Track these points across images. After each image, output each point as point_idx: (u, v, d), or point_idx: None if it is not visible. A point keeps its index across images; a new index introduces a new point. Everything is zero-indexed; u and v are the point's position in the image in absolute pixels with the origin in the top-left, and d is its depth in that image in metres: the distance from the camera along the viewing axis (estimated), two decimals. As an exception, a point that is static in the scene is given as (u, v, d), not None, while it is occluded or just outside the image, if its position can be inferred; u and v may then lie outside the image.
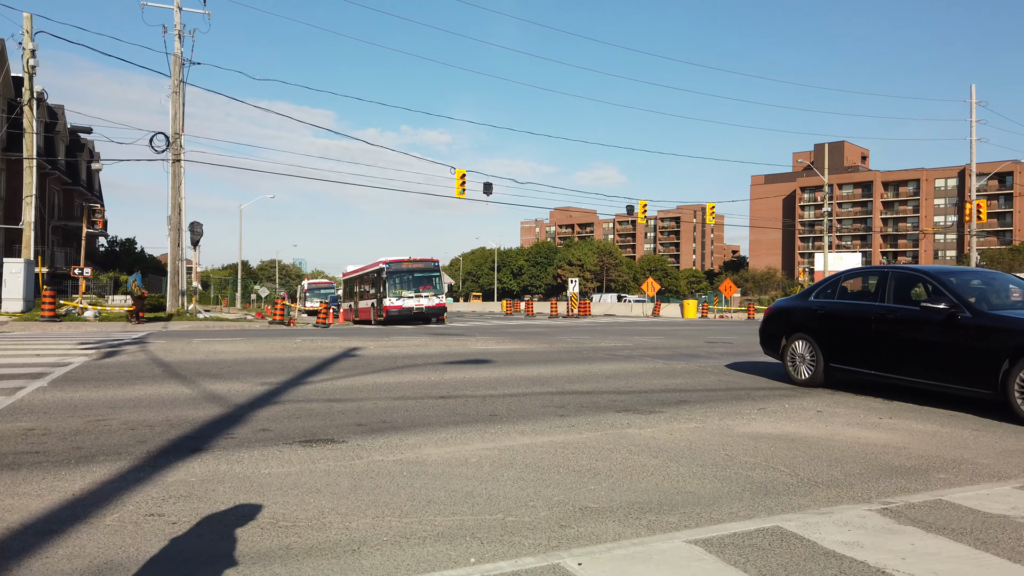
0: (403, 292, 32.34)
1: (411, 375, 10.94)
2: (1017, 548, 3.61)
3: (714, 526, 3.91)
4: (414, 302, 32.24)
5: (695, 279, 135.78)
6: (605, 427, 6.85)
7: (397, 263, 32.95)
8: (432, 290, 33.09)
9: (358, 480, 4.81)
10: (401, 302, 31.97)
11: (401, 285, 32.61)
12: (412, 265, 33.13)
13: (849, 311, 9.30)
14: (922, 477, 5.07)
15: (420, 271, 33.17)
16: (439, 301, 33.10)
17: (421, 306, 32.37)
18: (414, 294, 32.44)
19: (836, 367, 9.39)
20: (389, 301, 31.89)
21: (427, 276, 33.33)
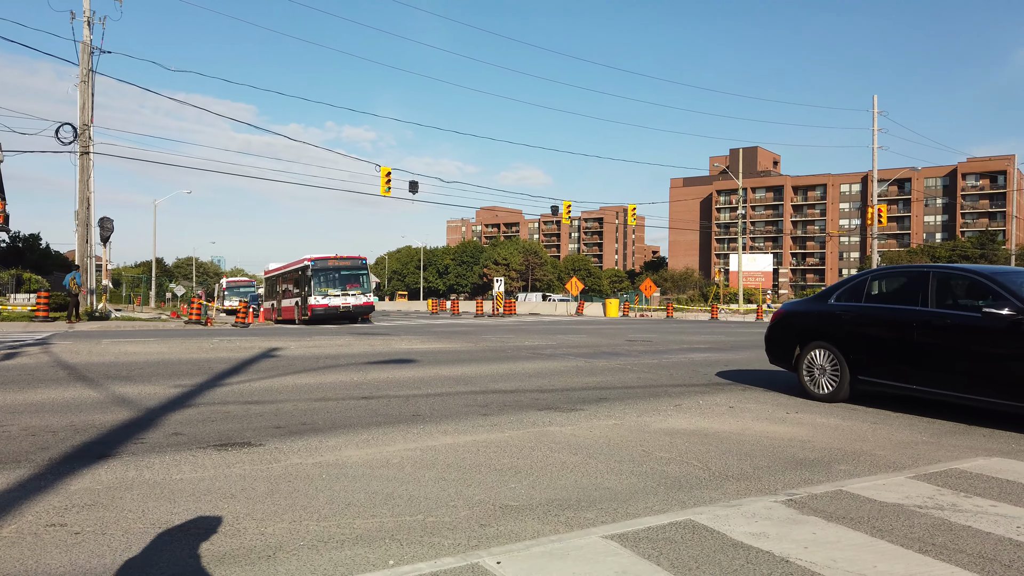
0: (329, 291, 31.36)
1: (333, 376, 10.77)
2: (909, 535, 3.85)
3: (630, 521, 4.02)
4: (341, 301, 31.29)
5: (617, 279, 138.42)
6: (527, 425, 6.93)
7: (323, 260, 31.93)
8: (359, 289, 32.23)
9: (275, 484, 4.71)
10: (327, 301, 31.00)
11: (327, 283, 31.63)
12: (339, 263, 32.24)
13: (883, 316, 8.03)
14: (824, 469, 5.34)
15: (347, 269, 32.27)
16: (367, 300, 32.31)
17: (348, 305, 31.45)
18: (341, 293, 31.46)
19: (866, 380, 8.15)
20: (314, 300, 30.91)
21: (354, 274, 32.44)
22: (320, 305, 30.88)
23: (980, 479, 5.01)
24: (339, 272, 32.03)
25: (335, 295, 31.31)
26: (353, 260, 32.85)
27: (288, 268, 36.08)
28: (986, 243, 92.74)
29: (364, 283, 32.67)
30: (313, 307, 30.85)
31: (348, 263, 32.53)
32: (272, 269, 40.67)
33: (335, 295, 31.31)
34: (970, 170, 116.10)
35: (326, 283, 31.59)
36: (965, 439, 6.51)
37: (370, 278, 33.20)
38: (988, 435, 6.69)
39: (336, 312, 31.22)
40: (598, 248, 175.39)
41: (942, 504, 4.39)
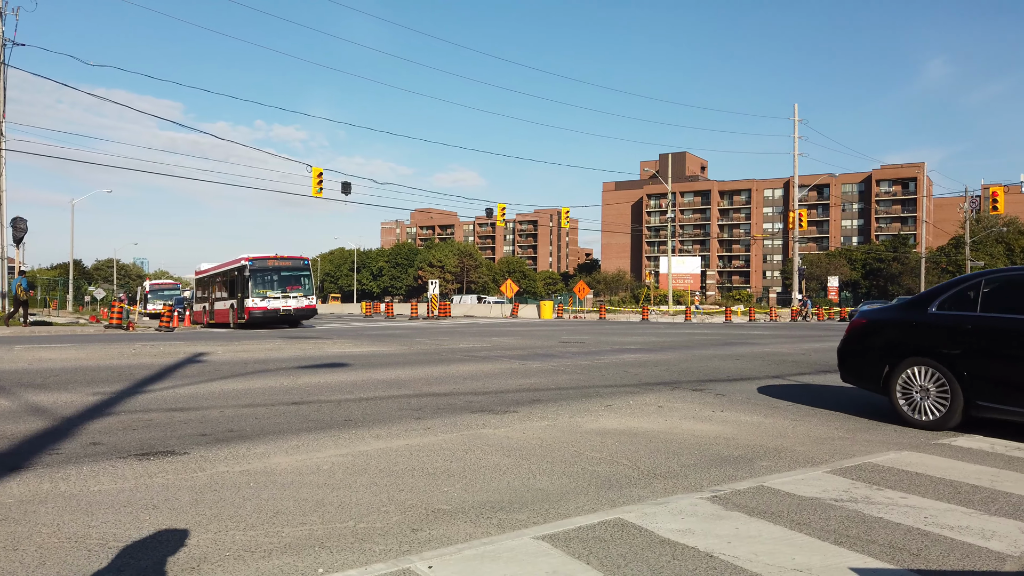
0: (268, 292, 29.64)
1: (262, 381, 10.52)
2: (825, 527, 4.03)
3: (561, 521, 4.08)
4: (281, 303, 29.65)
5: (551, 281, 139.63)
6: (461, 428, 6.93)
7: (262, 260, 30.20)
8: (301, 291, 30.67)
9: (200, 494, 4.58)
10: (266, 303, 29.27)
11: (266, 285, 29.93)
12: (278, 263, 30.56)
13: (1013, 329, 6.57)
14: (747, 465, 5.53)
15: (287, 270, 30.63)
16: (308, 303, 30.76)
17: (288, 308, 29.82)
18: (281, 295, 29.82)
19: (989, 406, 6.68)
20: (252, 302, 29.09)
21: (295, 275, 30.85)
22: (258, 308, 29.16)
23: (892, 472, 5.28)
24: (279, 273, 30.44)
25: (274, 297, 29.69)
26: (294, 260, 31.31)
27: (222, 268, 34.14)
28: (898, 247, 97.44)
29: (306, 285, 31.23)
30: (250, 310, 29.09)
31: (289, 263, 30.95)
32: (204, 269, 38.50)
33: (274, 297, 29.69)
34: (884, 177, 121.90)
35: (265, 284, 29.97)
36: (878, 434, 6.84)
37: (312, 280, 31.83)
38: (899, 431, 7.04)
39: (275, 315, 29.65)
40: (533, 250, 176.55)
41: (856, 497, 4.60)
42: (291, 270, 30.84)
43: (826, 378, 11.48)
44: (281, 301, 29.75)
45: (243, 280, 29.72)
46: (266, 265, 30.23)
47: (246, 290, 29.38)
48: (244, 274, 29.55)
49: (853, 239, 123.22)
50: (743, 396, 9.33)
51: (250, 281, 29.39)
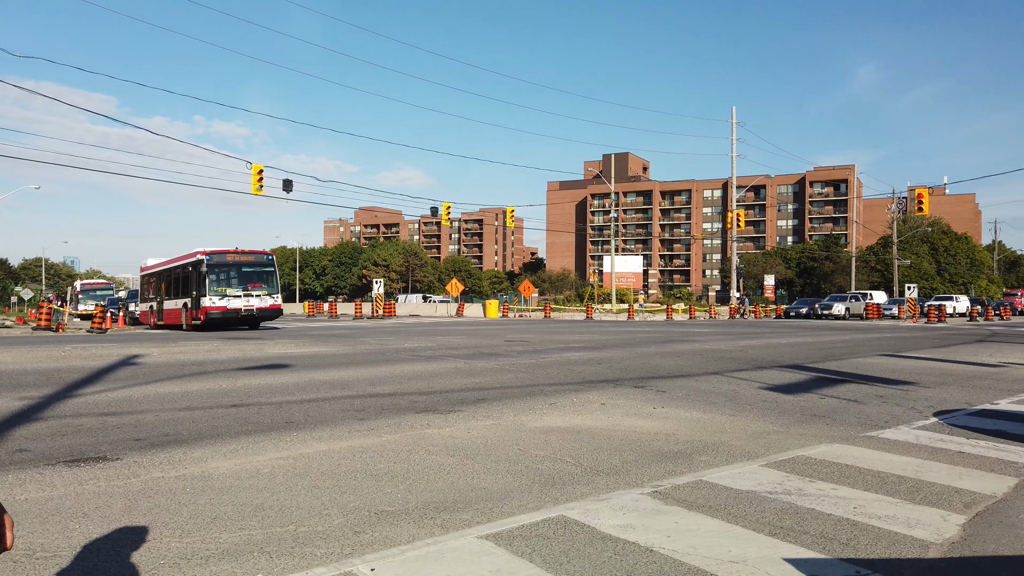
0: (228, 290, 26.84)
1: (200, 383, 10.26)
2: (760, 519, 4.15)
3: (505, 519, 4.10)
4: (242, 302, 26.79)
5: (497, 280, 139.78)
6: (405, 429, 6.89)
7: (220, 254, 27.34)
8: (264, 288, 27.90)
9: (133, 500, 4.45)
10: (226, 302, 26.40)
11: (225, 282, 27.11)
12: (240, 257, 27.77)
13: None
14: (687, 460, 5.65)
15: (250, 265, 27.93)
16: (273, 302, 27.91)
17: (251, 308, 26.96)
18: (242, 293, 27.01)
19: None
20: (210, 301, 26.22)
21: (258, 271, 28.10)
22: (216, 308, 26.30)
23: (823, 464, 5.47)
24: (240, 268, 27.64)
25: (235, 296, 26.84)
26: (257, 255, 28.53)
27: (174, 263, 30.96)
28: (831, 246, 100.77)
29: (270, 282, 28.40)
30: (208, 310, 26.19)
31: (251, 258, 28.22)
32: (152, 265, 35.37)
33: (235, 296, 26.84)
34: (816, 178, 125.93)
35: (224, 281, 27.13)
36: (811, 428, 7.08)
37: (277, 276, 29.02)
38: (830, 424, 7.30)
39: (236, 316, 26.79)
40: (478, 249, 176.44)
41: (790, 489, 4.76)
42: (254, 265, 28.16)
43: (762, 374, 11.81)
44: (243, 300, 27.02)
45: (199, 276, 26.86)
46: (225, 260, 27.44)
47: (202, 287, 26.61)
48: (200, 269, 26.64)
49: (788, 239, 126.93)
50: (683, 393, 9.52)
51: (207, 277, 26.58)
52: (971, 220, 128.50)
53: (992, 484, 4.91)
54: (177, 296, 29.84)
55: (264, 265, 28.54)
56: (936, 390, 9.88)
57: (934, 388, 10.09)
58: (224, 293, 26.74)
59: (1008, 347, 18.50)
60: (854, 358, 14.97)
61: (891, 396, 9.29)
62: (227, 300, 26.60)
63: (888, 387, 10.20)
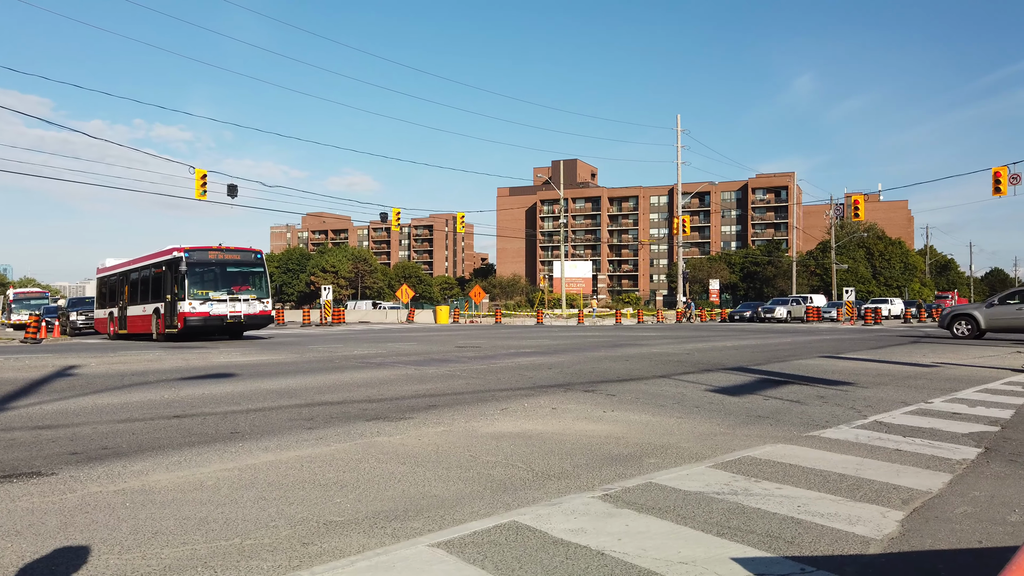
0: (211, 293, 23.60)
1: (140, 394, 9.94)
2: (708, 520, 4.22)
3: (456, 527, 4.08)
4: (228, 308, 23.56)
5: (448, 285, 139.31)
6: (355, 437, 6.80)
7: (201, 252, 23.94)
8: (252, 291, 24.54)
9: (69, 517, 4.28)
10: (208, 308, 23.19)
11: (207, 283, 23.76)
12: (224, 256, 24.39)
13: None
14: (636, 463, 5.71)
15: (236, 264, 24.57)
16: (263, 307, 24.60)
17: (238, 314, 23.69)
18: (227, 296, 23.75)
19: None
20: (189, 306, 22.94)
21: (246, 272, 24.79)
22: (197, 314, 23.04)
23: (768, 464, 5.59)
24: (224, 268, 24.29)
25: (219, 299, 23.56)
26: (244, 253, 25.04)
27: (142, 263, 27.21)
28: (773, 251, 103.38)
29: (259, 285, 25.05)
30: (187, 316, 22.91)
31: (238, 256, 24.77)
32: (112, 267, 31.35)
33: (219, 299, 23.56)
34: (758, 185, 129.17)
35: (206, 283, 23.72)
36: (755, 428, 7.23)
37: (267, 278, 25.54)
38: (774, 424, 7.48)
39: (220, 323, 23.60)
40: (428, 255, 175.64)
41: (736, 489, 4.85)
42: (240, 265, 24.77)
43: (709, 376, 12.03)
44: (228, 305, 23.70)
45: (176, 277, 23.48)
46: (207, 258, 24.04)
47: (181, 290, 23.24)
48: (179, 269, 23.16)
49: (732, 244, 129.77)
50: (632, 396, 9.63)
51: (187, 278, 23.13)
52: (904, 226, 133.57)
53: (928, 481, 5.09)
54: (145, 301, 26.57)
55: (252, 265, 25.13)
56: (874, 390, 10.21)
57: (872, 388, 10.42)
58: (206, 297, 23.46)
59: (940, 348, 19.25)
60: (796, 360, 15.37)
61: (831, 396, 9.56)
62: (210, 305, 23.38)
63: (828, 388, 10.50)
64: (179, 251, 23.63)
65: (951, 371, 12.88)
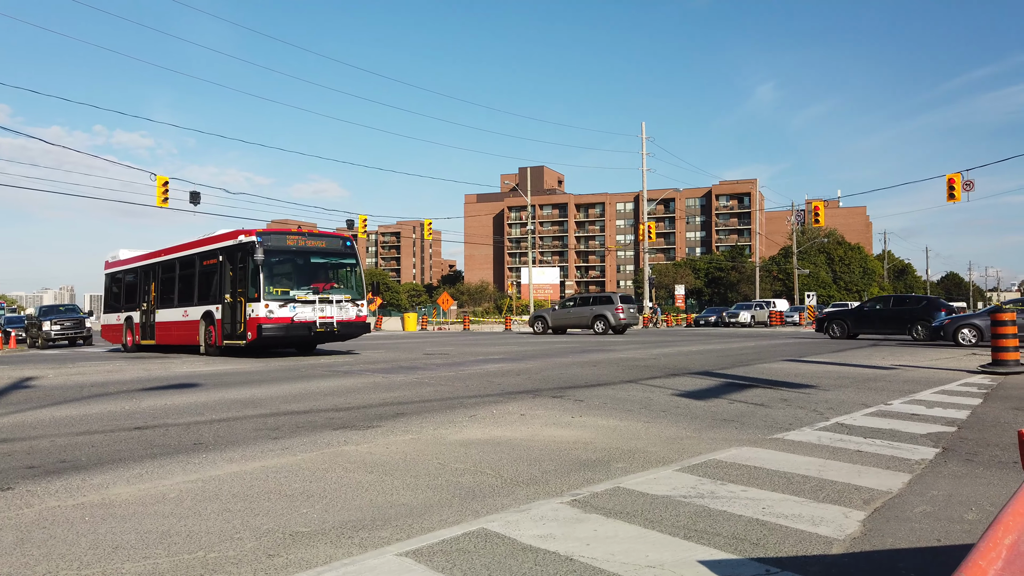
0: (294, 292, 17.94)
1: (100, 405, 9.72)
2: (675, 523, 4.26)
3: (424, 535, 4.06)
4: (316, 313, 17.85)
5: (416, 292, 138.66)
6: (321, 446, 6.73)
7: (278, 236, 18.30)
8: (344, 290, 18.94)
9: (26, 532, 4.16)
10: (291, 311, 17.47)
11: (287, 279, 18.24)
12: (307, 243, 18.77)
13: None
14: (604, 468, 5.75)
15: (322, 254, 18.98)
16: (359, 312, 18.91)
17: (330, 319, 18.04)
18: (314, 295, 18.08)
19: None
20: (266, 309, 17.17)
21: (335, 264, 19.26)
22: (277, 320, 17.28)
23: (733, 467, 5.66)
24: (308, 259, 18.72)
25: (304, 301, 17.86)
26: (331, 239, 19.40)
27: (181, 253, 21.31)
28: (736, 257, 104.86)
29: (352, 282, 19.45)
30: (262, 323, 17.13)
31: (323, 244, 19.12)
32: (127, 260, 25.11)
33: (304, 301, 17.86)
34: (722, 192, 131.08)
35: (285, 278, 18.30)
36: (721, 432, 7.32)
37: (362, 273, 19.83)
38: (739, 428, 7.58)
39: (307, 333, 17.88)
40: (396, 262, 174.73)
41: (703, 492, 4.90)
42: (328, 255, 19.12)
43: (675, 381, 12.15)
44: (315, 309, 17.94)
45: (247, 270, 17.85)
46: (286, 245, 18.34)
47: (253, 287, 17.52)
48: (252, 259, 17.36)
49: (697, 250, 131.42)
50: (600, 401, 9.68)
51: (262, 272, 17.39)
52: (863, 231, 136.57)
53: (888, 481, 5.21)
54: (186, 302, 20.77)
55: (342, 255, 19.41)
56: (835, 392, 10.41)
57: (833, 391, 10.62)
58: (287, 297, 17.67)
59: (899, 350, 19.70)
60: (760, 363, 15.60)
61: (794, 399, 9.73)
62: (291, 308, 17.51)
63: (791, 391, 10.67)
64: (247, 235, 18.03)
65: (909, 373, 13.19)
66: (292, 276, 18.44)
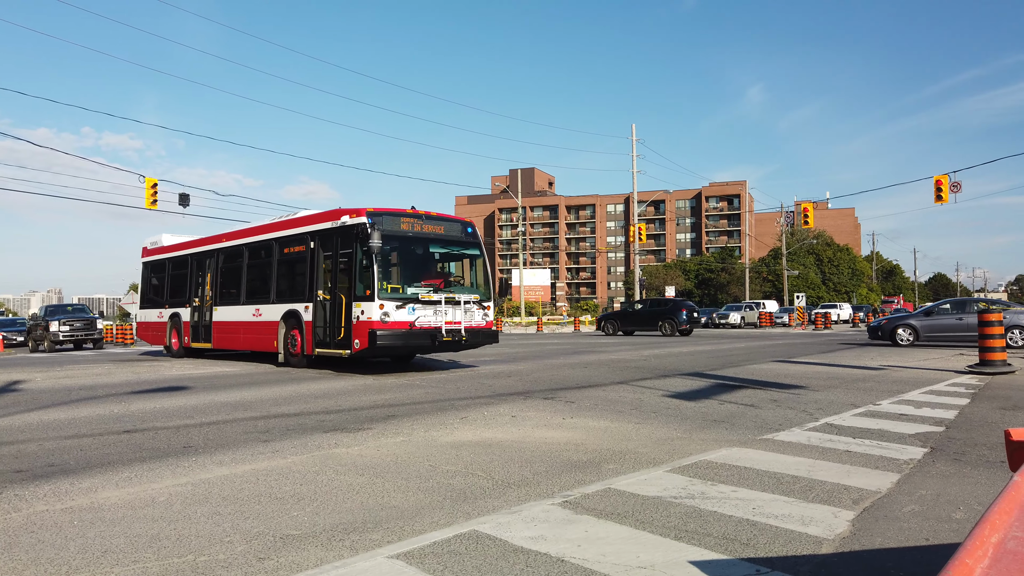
0: (416, 290, 14.27)
1: (89, 409, 9.65)
2: (666, 524, 4.27)
3: (416, 538, 4.05)
4: (440, 316, 14.13)
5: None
6: (312, 449, 6.71)
7: (391, 218, 14.41)
8: (468, 289, 15.40)
9: (14, 537, 4.13)
10: (410, 314, 13.76)
11: (404, 273, 14.68)
12: (425, 227, 14.98)
13: None
14: (595, 469, 5.75)
15: (443, 242, 15.33)
16: (487, 317, 15.25)
17: (457, 325, 14.36)
18: (434, 293, 14.36)
19: None
20: (380, 311, 13.40)
21: (457, 255, 15.83)
22: (394, 324, 13.55)
23: (724, 468, 5.69)
24: (427, 247, 15.13)
25: (428, 300, 14.14)
26: (450, 223, 15.59)
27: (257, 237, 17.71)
28: (726, 258, 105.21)
29: (477, 278, 15.85)
30: (376, 328, 13.36)
31: (442, 229, 15.31)
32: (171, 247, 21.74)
33: (428, 300, 14.14)
34: (712, 193, 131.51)
35: (402, 272, 14.66)
36: (711, 433, 7.35)
37: (487, 265, 16.04)
38: (729, 428, 7.60)
39: (431, 341, 14.08)
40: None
41: (693, 493, 4.92)
42: (449, 243, 15.48)
43: (666, 382, 12.18)
44: (438, 312, 14.18)
45: (359, 259, 13.98)
46: (400, 229, 14.50)
47: (365, 282, 13.76)
48: (368, 245, 13.35)
49: (687, 251, 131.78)
50: (591, 403, 9.70)
51: (376, 263, 13.56)
52: (851, 232, 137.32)
53: (877, 481, 5.24)
54: (259, 298, 17.15)
55: (464, 244, 15.68)
56: (824, 393, 10.47)
57: (823, 391, 10.68)
58: (406, 296, 14.01)
59: (887, 351, 19.82)
60: (750, 364, 15.67)
61: (784, 400, 9.77)
62: (412, 311, 13.84)
63: (781, 391, 10.72)
64: (353, 215, 14.25)
65: (897, 374, 13.27)
66: (407, 269, 14.77)
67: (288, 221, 16.76)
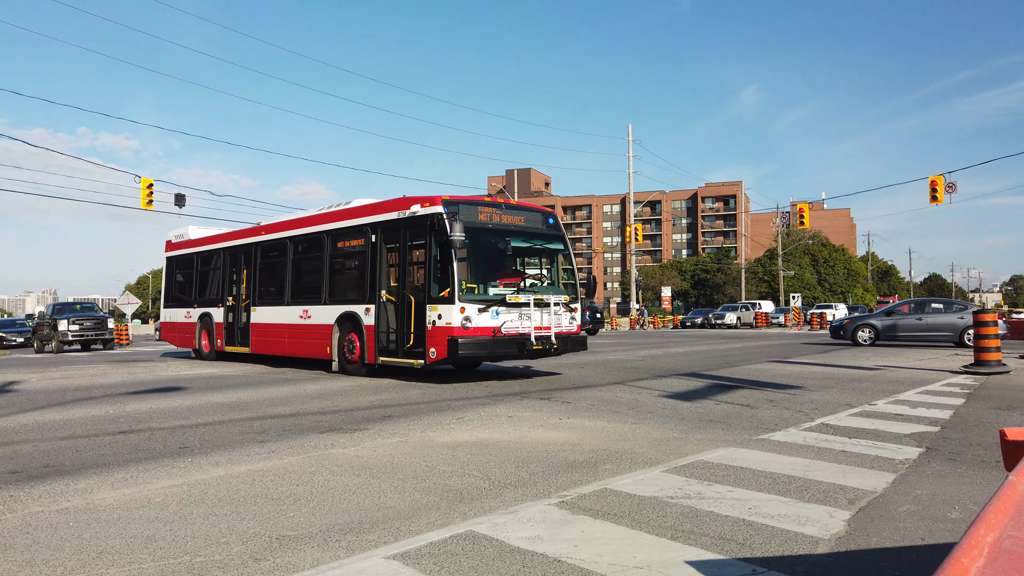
0: (498, 290, 12.60)
1: (84, 409, 9.63)
2: (663, 524, 4.27)
3: (412, 538, 4.05)
4: (528, 321, 12.39)
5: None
6: (308, 450, 6.70)
7: (468, 207, 12.63)
8: (555, 289, 13.54)
9: (10, 538, 4.12)
10: (496, 319, 12.08)
11: (486, 270, 12.83)
12: (505, 217, 13.20)
13: None
14: (592, 469, 5.76)
15: (525, 235, 13.59)
16: (576, 321, 13.51)
17: (547, 331, 12.54)
18: (530, 299, 12.50)
19: None
20: (460, 315, 11.72)
21: (540, 249, 13.99)
22: (475, 331, 11.85)
23: (720, 468, 5.69)
24: (508, 240, 13.30)
25: (515, 303, 12.39)
26: (531, 214, 13.88)
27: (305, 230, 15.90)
28: (722, 259, 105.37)
29: (562, 276, 14.11)
30: (456, 334, 11.67)
31: (522, 220, 13.55)
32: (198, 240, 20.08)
33: (515, 303, 12.39)
34: (708, 194, 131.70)
35: (484, 269, 12.79)
36: (708, 433, 7.36)
37: (572, 259, 14.27)
38: (725, 429, 7.62)
39: (519, 349, 12.28)
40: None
41: (690, 493, 4.92)
42: (532, 236, 13.72)
43: (662, 382, 12.19)
44: (525, 315, 12.42)
45: (434, 254, 12.27)
46: (478, 220, 12.64)
47: (441, 281, 12.12)
48: (448, 238, 11.76)
49: (683, 252, 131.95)
50: (587, 403, 9.70)
51: (455, 259, 11.87)
52: (847, 233, 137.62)
53: (873, 480, 5.25)
54: (307, 298, 15.51)
55: (547, 237, 13.93)
56: (820, 393, 10.49)
57: (819, 391, 10.70)
58: (489, 297, 12.30)
59: (883, 351, 19.87)
60: (746, 365, 15.69)
61: (780, 400, 9.79)
62: (496, 315, 12.11)
63: (777, 392, 10.74)
64: (426, 203, 12.48)
65: (893, 374, 13.31)
66: (485, 266, 12.84)
67: (342, 211, 14.89)
